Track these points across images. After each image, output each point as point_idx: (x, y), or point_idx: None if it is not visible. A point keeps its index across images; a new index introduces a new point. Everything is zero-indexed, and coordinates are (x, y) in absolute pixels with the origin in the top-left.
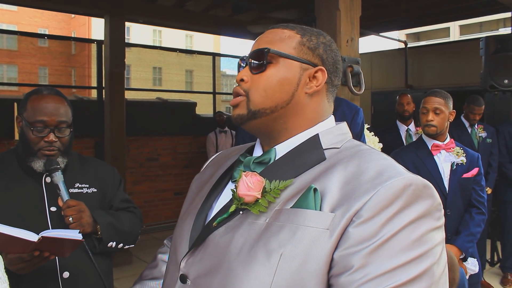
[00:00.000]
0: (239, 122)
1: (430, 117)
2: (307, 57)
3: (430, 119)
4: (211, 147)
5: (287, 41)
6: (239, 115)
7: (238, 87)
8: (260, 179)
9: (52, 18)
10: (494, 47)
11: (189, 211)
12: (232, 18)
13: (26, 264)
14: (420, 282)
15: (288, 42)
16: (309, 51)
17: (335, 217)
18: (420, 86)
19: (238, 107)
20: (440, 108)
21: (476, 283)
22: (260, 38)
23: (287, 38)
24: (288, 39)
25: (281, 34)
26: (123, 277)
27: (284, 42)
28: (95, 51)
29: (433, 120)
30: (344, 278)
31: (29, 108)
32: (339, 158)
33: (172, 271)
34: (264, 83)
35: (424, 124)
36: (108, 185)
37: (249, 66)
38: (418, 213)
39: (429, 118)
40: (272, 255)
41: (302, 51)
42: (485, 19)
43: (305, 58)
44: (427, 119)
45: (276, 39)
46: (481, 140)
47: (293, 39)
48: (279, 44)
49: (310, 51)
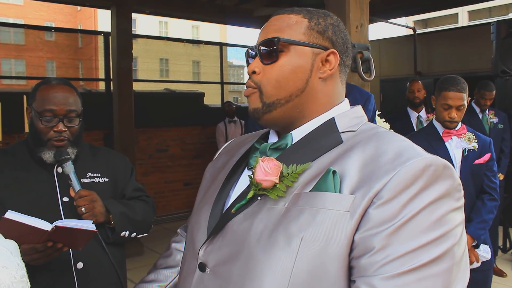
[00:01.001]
0: (255, 117)
1: (454, 115)
2: (317, 41)
3: (454, 116)
4: (221, 137)
5: (295, 27)
6: (254, 110)
7: (250, 80)
8: (277, 164)
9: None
10: (506, 31)
11: (206, 200)
12: (238, 7)
13: (40, 255)
14: (441, 263)
15: (296, 28)
16: (319, 35)
17: (355, 199)
18: (429, 73)
19: (252, 101)
20: (463, 104)
21: (488, 270)
22: (267, 27)
23: (295, 24)
24: (296, 24)
25: (288, 20)
26: (134, 267)
27: (293, 29)
28: (102, 44)
29: (456, 117)
30: (365, 259)
31: (38, 98)
32: (356, 140)
33: (190, 260)
34: (277, 73)
35: (446, 120)
36: (120, 174)
37: (259, 56)
38: (438, 194)
39: (452, 115)
40: (292, 239)
41: (311, 35)
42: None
43: (315, 42)
44: (450, 116)
45: (284, 26)
46: (493, 126)
47: (301, 24)
48: (288, 31)
49: (320, 34)
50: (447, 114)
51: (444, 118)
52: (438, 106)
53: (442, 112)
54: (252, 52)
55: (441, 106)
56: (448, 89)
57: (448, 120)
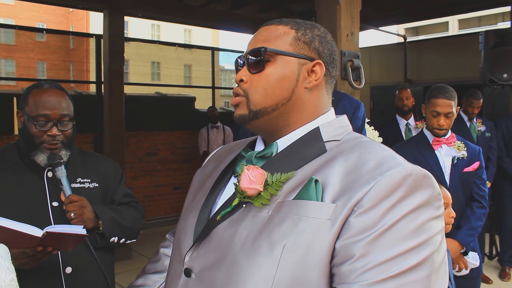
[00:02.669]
0: (242, 122)
1: (442, 122)
2: (303, 51)
3: (442, 123)
4: (203, 143)
5: (283, 37)
6: (241, 116)
7: (238, 87)
8: (262, 172)
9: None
10: (494, 41)
11: (193, 206)
12: (231, 12)
13: (29, 259)
14: (420, 270)
15: (283, 38)
16: (305, 46)
17: (337, 207)
18: (419, 81)
19: (239, 107)
20: (452, 111)
21: (476, 277)
22: (255, 37)
23: (282, 35)
24: (283, 35)
25: (275, 31)
26: (123, 271)
27: (280, 39)
28: (93, 46)
29: (445, 124)
30: (345, 266)
31: (31, 102)
32: (340, 150)
33: (176, 265)
34: (264, 82)
35: (434, 127)
36: (110, 180)
37: (247, 65)
38: (418, 203)
39: (441, 123)
40: (275, 246)
41: (298, 46)
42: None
43: (302, 53)
44: (438, 123)
45: (271, 37)
46: (480, 134)
47: (288, 35)
48: (275, 42)
49: (306, 45)
50: (436, 121)
51: (433, 125)
52: (428, 114)
53: (431, 119)
54: (241, 61)
55: (430, 113)
56: (436, 97)
57: (436, 128)
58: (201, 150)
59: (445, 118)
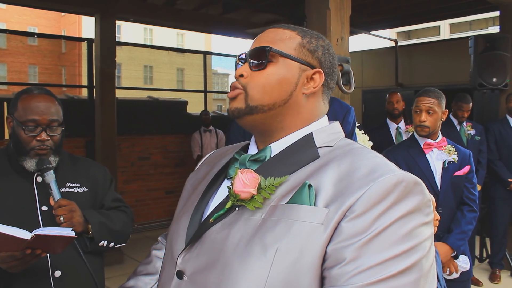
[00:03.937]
0: (236, 116)
1: (423, 118)
2: (306, 58)
3: (423, 119)
4: (196, 147)
5: (288, 41)
6: (236, 108)
7: (237, 81)
8: (255, 176)
9: (41, 16)
10: (483, 46)
11: (185, 209)
12: (223, 16)
13: (18, 262)
14: (409, 275)
15: (288, 42)
16: (309, 53)
17: (329, 212)
18: (411, 85)
19: (236, 101)
20: (433, 108)
21: (467, 280)
22: (261, 37)
23: (288, 39)
24: (289, 39)
25: (282, 34)
26: (114, 276)
27: (285, 42)
28: (85, 50)
29: (426, 121)
30: (336, 270)
31: (20, 108)
32: (333, 156)
33: (168, 268)
34: (263, 80)
35: (416, 125)
36: (100, 185)
37: (248, 63)
38: (409, 209)
39: (422, 118)
40: (268, 249)
41: (302, 52)
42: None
43: (304, 59)
44: (420, 119)
45: (277, 39)
46: (470, 138)
47: (294, 40)
48: (280, 44)
49: (310, 53)
50: (418, 118)
51: (416, 123)
52: (413, 113)
53: (415, 118)
54: (243, 58)
55: (414, 112)
56: (419, 95)
57: (418, 125)
58: (195, 154)
59: (426, 114)
